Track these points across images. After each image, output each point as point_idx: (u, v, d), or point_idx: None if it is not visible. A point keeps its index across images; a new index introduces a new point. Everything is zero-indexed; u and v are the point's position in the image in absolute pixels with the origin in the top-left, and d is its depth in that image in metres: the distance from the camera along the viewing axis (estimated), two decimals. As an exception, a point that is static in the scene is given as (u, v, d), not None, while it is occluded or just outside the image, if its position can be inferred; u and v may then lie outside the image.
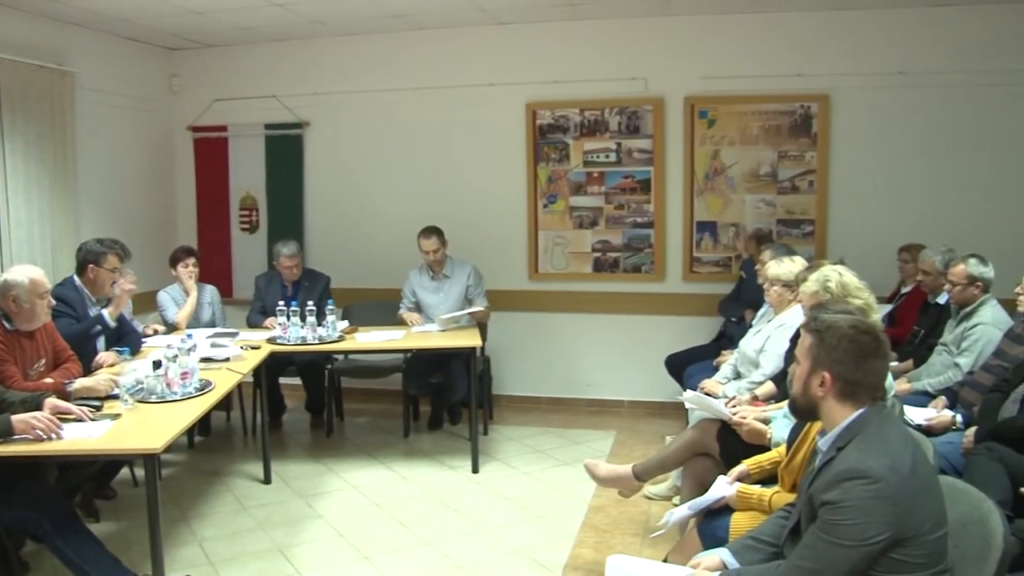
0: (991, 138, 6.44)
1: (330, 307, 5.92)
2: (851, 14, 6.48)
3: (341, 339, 5.84)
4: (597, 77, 6.93)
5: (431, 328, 6.14)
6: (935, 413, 4.42)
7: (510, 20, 6.88)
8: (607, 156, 7.02)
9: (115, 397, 4.05)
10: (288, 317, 5.71)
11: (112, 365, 4.75)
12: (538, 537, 4.61)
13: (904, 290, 6.15)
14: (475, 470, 5.66)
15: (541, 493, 5.30)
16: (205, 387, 4.35)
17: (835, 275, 3.58)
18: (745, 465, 3.25)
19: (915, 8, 6.38)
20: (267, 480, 5.45)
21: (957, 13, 6.34)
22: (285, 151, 7.54)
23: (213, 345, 5.28)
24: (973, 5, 6.29)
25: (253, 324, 6.48)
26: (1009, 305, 4.67)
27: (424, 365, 6.45)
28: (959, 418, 4.30)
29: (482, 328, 6.34)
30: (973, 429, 3.92)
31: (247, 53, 7.51)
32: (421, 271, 6.62)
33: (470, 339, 5.79)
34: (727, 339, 6.24)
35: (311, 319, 5.72)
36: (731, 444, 3.76)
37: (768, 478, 3.26)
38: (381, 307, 6.74)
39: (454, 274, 6.57)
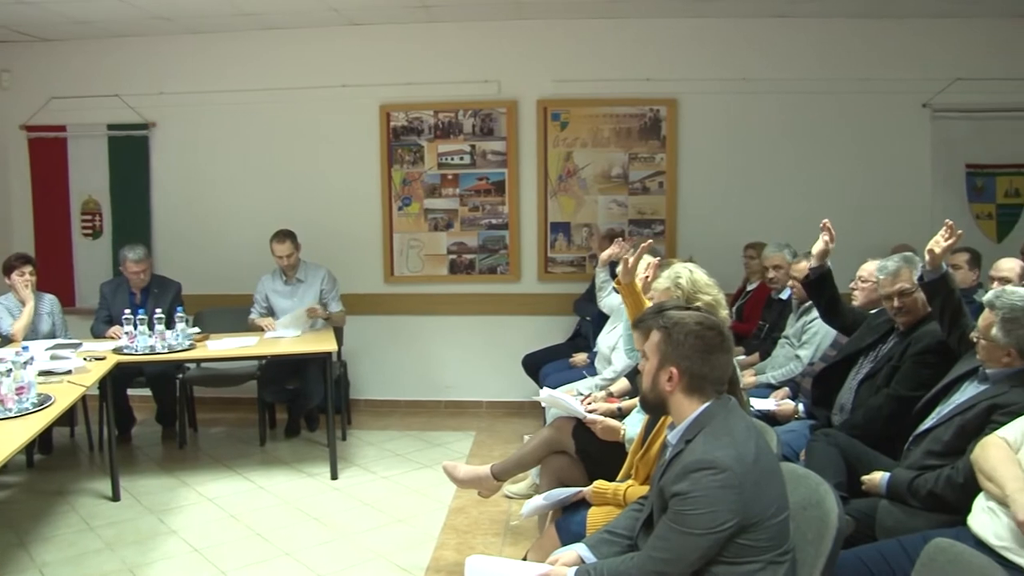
0: (827, 142, 6.87)
1: (180, 314, 5.71)
2: (698, 22, 6.75)
3: (192, 347, 5.66)
4: (451, 79, 6.95)
5: (286, 333, 6.02)
6: (777, 403, 4.64)
7: (363, 21, 6.81)
8: (461, 158, 7.04)
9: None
10: (135, 325, 5.49)
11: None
12: (399, 541, 4.58)
13: (750, 287, 6.42)
14: (334, 476, 5.59)
15: (401, 497, 5.28)
16: (44, 402, 4.13)
17: (686, 272, 3.69)
18: (592, 489, 3.26)
19: (757, 19, 6.71)
20: (115, 497, 5.20)
21: (796, 25, 6.74)
22: (130, 153, 7.23)
23: (53, 357, 5.04)
24: (811, 18, 6.70)
25: (98, 334, 6.18)
26: (844, 299, 4.93)
27: (279, 371, 6.31)
28: (801, 407, 4.51)
29: (338, 332, 6.26)
30: None
31: (87, 49, 7.14)
32: (274, 276, 6.48)
33: (326, 344, 5.71)
34: (582, 338, 6.37)
35: (160, 327, 5.52)
36: (586, 441, 3.83)
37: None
38: (234, 313, 6.56)
39: (308, 278, 6.45)
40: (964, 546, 2.19)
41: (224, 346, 5.75)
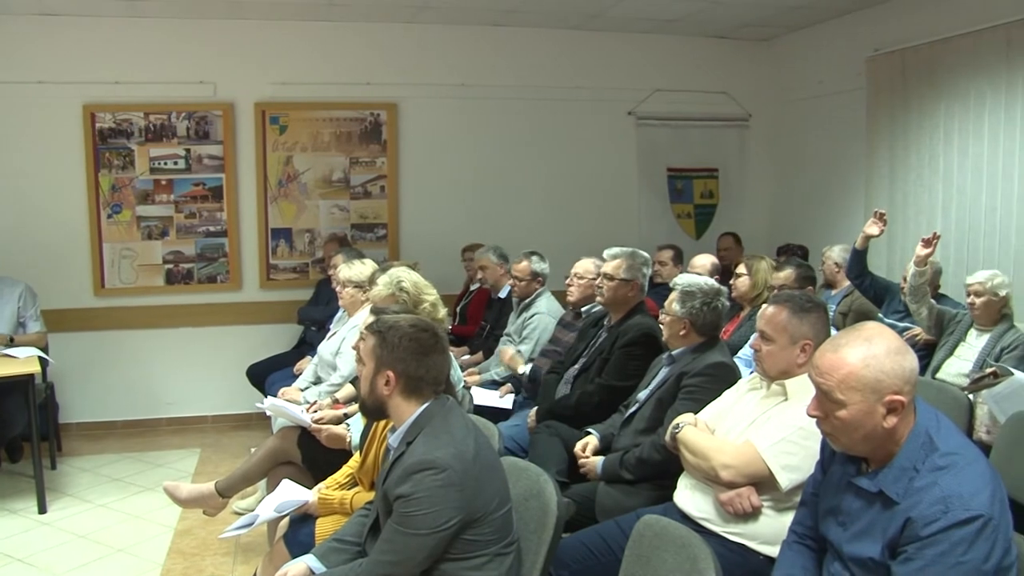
0: (543, 147, 7.24)
1: None
2: (417, 27, 6.86)
3: None
4: (162, 79, 6.60)
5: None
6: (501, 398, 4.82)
7: (61, 12, 6.30)
8: (176, 163, 6.72)
9: None
10: None
11: None
12: (120, 573, 4.31)
13: (472, 288, 6.60)
14: (42, 510, 5.12)
15: (121, 525, 4.96)
16: None
17: (406, 275, 3.74)
18: (319, 495, 3.24)
19: (476, 26, 6.94)
20: None
21: (511, 33, 7.04)
22: None
23: None
24: (524, 27, 7.02)
25: None
26: (560, 296, 5.23)
27: (-28, 399, 5.74)
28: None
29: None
30: (535, 409, 4.30)
31: None
32: (-39, 294, 5.88)
33: (26, 365, 5.25)
34: (307, 345, 6.29)
35: None
36: (313, 450, 3.80)
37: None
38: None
39: (3, 295, 5.88)
40: (668, 520, 2.41)
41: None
